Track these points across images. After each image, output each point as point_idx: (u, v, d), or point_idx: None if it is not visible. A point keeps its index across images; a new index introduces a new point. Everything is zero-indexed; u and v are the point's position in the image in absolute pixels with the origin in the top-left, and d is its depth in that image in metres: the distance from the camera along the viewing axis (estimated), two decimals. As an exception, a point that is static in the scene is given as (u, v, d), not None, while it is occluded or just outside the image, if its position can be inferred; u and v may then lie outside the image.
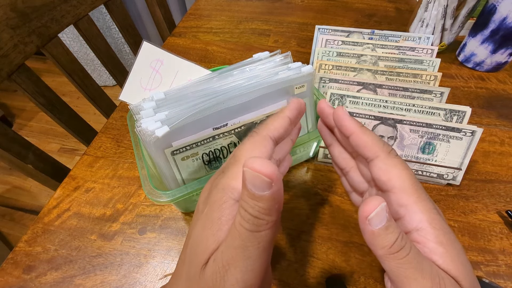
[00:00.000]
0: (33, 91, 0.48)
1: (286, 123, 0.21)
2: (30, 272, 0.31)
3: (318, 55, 0.45)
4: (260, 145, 0.19)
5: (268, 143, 0.19)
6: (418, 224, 0.17)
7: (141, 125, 0.26)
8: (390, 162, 0.19)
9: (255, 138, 0.19)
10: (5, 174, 1.26)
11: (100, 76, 1.58)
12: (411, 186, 0.18)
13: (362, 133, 0.20)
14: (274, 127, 0.20)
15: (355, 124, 0.20)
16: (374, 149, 0.19)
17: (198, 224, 0.17)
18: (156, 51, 0.35)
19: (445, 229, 0.17)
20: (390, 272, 0.16)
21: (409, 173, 0.19)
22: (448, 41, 0.56)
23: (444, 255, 0.16)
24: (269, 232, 0.15)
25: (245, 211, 0.15)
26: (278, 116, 0.21)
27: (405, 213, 0.18)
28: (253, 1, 0.77)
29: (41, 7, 0.47)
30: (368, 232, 0.16)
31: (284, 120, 0.21)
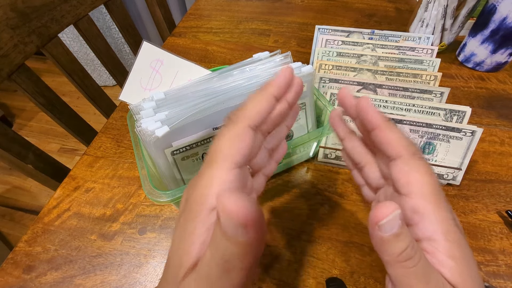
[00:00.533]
0: (33, 91, 0.48)
1: (269, 105, 0.17)
2: (30, 272, 0.31)
3: (318, 55, 0.45)
4: (239, 140, 0.16)
5: (248, 136, 0.16)
6: (431, 235, 0.16)
7: (141, 125, 0.26)
8: (413, 164, 0.17)
9: (232, 130, 0.17)
10: (5, 174, 1.26)
11: (100, 76, 1.58)
12: (431, 193, 0.17)
13: (387, 128, 0.18)
14: (256, 112, 0.17)
15: (380, 118, 0.18)
16: (397, 148, 0.18)
17: (176, 232, 0.16)
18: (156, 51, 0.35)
19: (460, 243, 0.16)
20: (393, 278, 0.15)
21: (432, 179, 0.17)
22: (448, 41, 0.56)
23: (453, 269, 0.15)
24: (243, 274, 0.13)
25: (216, 252, 0.13)
26: (261, 95, 0.17)
27: (419, 221, 0.16)
28: (253, 1, 0.77)
29: (41, 7, 0.47)
30: (377, 237, 0.15)
31: (268, 102, 0.17)
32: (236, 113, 0.17)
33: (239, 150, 0.16)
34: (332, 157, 0.38)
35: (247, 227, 0.12)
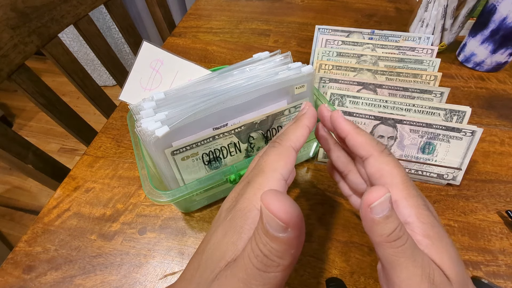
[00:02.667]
0: (33, 91, 0.48)
1: (306, 133, 0.21)
2: (30, 272, 0.31)
3: (318, 55, 0.45)
4: (285, 156, 0.19)
5: (292, 155, 0.19)
6: (406, 218, 0.18)
7: (141, 125, 0.26)
8: (383, 160, 0.20)
9: (279, 149, 0.20)
10: (5, 174, 1.26)
11: (100, 76, 1.58)
12: (402, 183, 0.19)
13: (356, 133, 0.21)
14: (296, 138, 0.20)
15: (350, 125, 0.21)
16: (367, 148, 0.20)
17: (219, 230, 0.17)
18: (156, 51, 0.35)
19: (433, 224, 0.18)
20: (383, 259, 0.16)
21: (401, 170, 0.19)
22: (448, 41, 0.56)
23: (430, 247, 0.17)
24: (279, 275, 0.14)
25: (256, 245, 0.14)
26: (298, 126, 0.21)
27: (395, 207, 0.18)
28: (253, 1, 0.77)
29: (41, 7, 0.47)
30: (368, 219, 0.16)
31: (305, 130, 0.21)
32: (280, 137, 0.21)
33: (286, 164, 0.19)
34: (332, 157, 0.38)
35: (288, 226, 0.12)
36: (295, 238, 0.13)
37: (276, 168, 0.18)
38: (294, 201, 0.13)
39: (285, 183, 0.18)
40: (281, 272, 0.14)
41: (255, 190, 0.18)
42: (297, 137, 0.20)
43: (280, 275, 0.14)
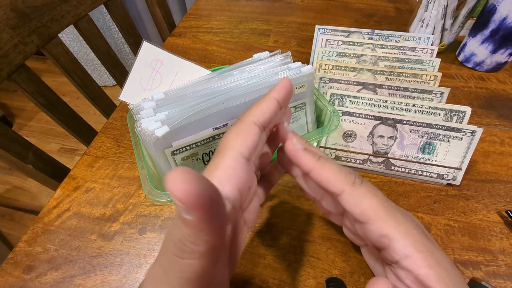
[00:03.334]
0: (33, 91, 0.48)
1: (273, 106, 0.18)
2: (30, 272, 0.31)
3: (318, 55, 0.45)
4: (244, 132, 0.18)
5: (253, 130, 0.18)
6: (404, 252, 0.17)
7: (141, 125, 0.26)
8: (358, 194, 0.18)
9: (238, 125, 0.18)
10: (5, 174, 1.26)
11: (100, 76, 1.58)
12: (386, 213, 0.18)
13: (321, 168, 0.19)
14: (260, 112, 0.18)
15: (311, 159, 0.19)
16: (337, 184, 0.18)
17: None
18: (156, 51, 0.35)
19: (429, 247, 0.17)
20: None
21: (379, 198, 0.18)
22: (448, 41, 0.56)
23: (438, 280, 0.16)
24: (196, 263, 0.12)
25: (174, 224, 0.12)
26: (264, 99, 0.19)
27: (389, 242, 0.17)
28: (253, 1, 0.77)
29: (41, 7, 0.47)
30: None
31: (271, 103, 0.19)
32: (243, 113, 0.19)
33: (244, 141, 0.17)
34: (332, 157, 0.38)
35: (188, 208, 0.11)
36: (203, 222, 0.11)
37: (233, 145, 0.17)
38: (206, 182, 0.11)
39: (245, 161, 0.17)
40: (198, 259, 0.12)
41: (209, 171, 0.16)
42: (261, 111, 0.18)
43: (197, 264, 0.12)
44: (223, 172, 0.16)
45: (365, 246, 0.23)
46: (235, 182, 0.16)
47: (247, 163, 0.17)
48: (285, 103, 0.19)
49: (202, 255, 0.12)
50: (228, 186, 0.16)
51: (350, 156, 0.37)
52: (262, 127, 0.18)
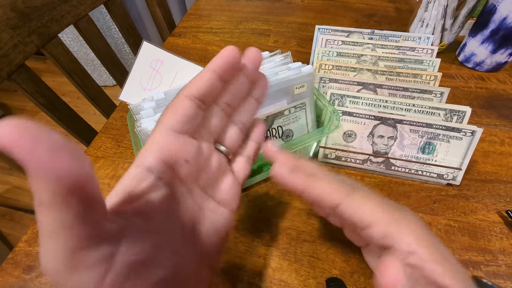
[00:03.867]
0: (33, 91, 0.48)
1: (207, 76, 0.17)
2: (30, 272, 0.31)
3: (318, 55, 0.45)
4: (174, 107, 0.17)
5: (183, 103, 0.17)
6: (408, 249, 0.17)
7: (141, 125, 0.26)
8: (354, 203, 0.18)
9: (172, 101, 0.18)
10: (5, 174, 1.26)
11: (100, 76, 1.58)
12: (384, 214, 0.18)
13: (311, 187, 0.19)
14: (191, 84, 0.18)
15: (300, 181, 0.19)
16: (331, 199, 0.18)
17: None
18: (156, 51, 0.35)
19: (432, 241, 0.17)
20: None
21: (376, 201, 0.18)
22: (448, 41, 0.56)
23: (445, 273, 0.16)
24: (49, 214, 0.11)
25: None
26: (201, 72, 0.18)
27: (392, 243, 0.17)
28: (253, 1, 0.77)
29: (41, 7, 0.47)
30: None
31: (205, 74, 0.17)
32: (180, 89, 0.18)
33: (172, 114, 0.17)
34: (332, 157, 0.38)
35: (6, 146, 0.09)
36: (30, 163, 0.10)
37: (161, 120, 0.17)
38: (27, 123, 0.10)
39: (175, 134, 0.17)
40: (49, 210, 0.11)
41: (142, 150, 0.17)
42: (193, 82, 0.17)
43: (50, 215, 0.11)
44: (148, 145, 0.17)
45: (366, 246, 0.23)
46: (158, 154, 0.17)
47: (178, 136, 0.17)
48: (227, 74, 0.18)
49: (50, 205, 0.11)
50: (150, 158, 0.16)
51: (350, 156, 0.37)
52: (195, 98, 0.17)
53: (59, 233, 0.11)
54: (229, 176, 0.21)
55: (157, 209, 0.16)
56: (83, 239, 0.12)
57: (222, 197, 0.20)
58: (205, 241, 0.19)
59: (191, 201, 0.19)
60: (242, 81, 0.19)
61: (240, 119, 0.21)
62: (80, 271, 0.12)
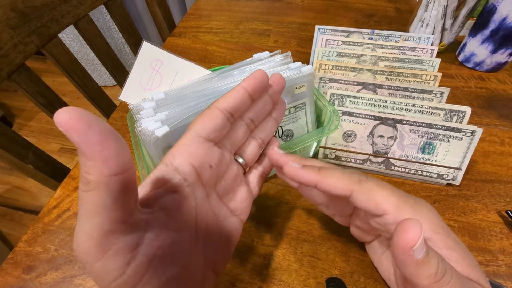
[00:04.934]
0: (33, 91, 0.48)
1: (238, 93, 0.19)
2: (30, 272, 0.31)
3: (318, 55, 0.45)
4: (205, 115, 0.19)
5: (213, 113, 0.19)
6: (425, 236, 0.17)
7: (141, 125, 0.26)
8: (367, 189, 0.19)
9: (203, 111, 0.19)
10: (5, 174, 1.26)
11: (100, 76, 1.58)
12: (399, 201, 0.18)
13: (324, 178, 0.19)
14: (223, 98, 0.19)
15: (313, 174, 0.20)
16: (344, 187, 0.19)
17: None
18: (156, 51, 0.35)
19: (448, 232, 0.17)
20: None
21: (388, 188, 0.19)
22: (448, 41, 0.56)
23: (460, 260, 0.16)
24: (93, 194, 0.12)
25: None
26: (233, 88, 0.20)
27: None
28: (253, 1, 0.77)
29: (41, 7, 0.47)
30: (411, 263, 0.14)
31: (237, 91, 0.19)
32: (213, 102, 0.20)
33: (202, 122, 0.19)
34: (332, 157, 0.38)
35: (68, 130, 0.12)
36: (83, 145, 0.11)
37: (191, 126, 0.19)
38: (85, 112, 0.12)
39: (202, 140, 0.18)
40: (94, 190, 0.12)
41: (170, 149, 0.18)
42: (225, 97, 0.19)
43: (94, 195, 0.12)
44: (177, 147, 0.18)
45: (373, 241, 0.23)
46: (187, 156, 0.18)
47: (205, 142, 0.19)
48: (256, 92, 0.20)
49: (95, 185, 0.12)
50: (179, 159, 0.18)
51: (350, 156, 0.37)
52: (225, 111, 0.19)
53: (98, 213, 0.12)
54: (244, 187, 0.22)
55: (179, 207, 0.17)
56: (117, 222, 0.13)
57: (235, 206, 0.21)
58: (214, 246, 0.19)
59: (208, 206, 0.19)
60: (267, 101, 0.21)
61: (260, 136, 0.22)
62: (108, 255, 0.13)
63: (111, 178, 0.12)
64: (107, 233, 0.13)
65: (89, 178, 0.12)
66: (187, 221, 0.17)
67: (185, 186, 0.17)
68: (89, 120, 0.12)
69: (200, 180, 0.19)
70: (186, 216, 0.17)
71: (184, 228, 0.17)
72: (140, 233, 0.14)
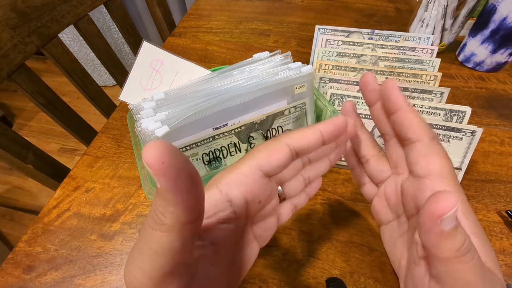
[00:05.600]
0: (33, 91, 0.48)
1: (313, 136, 0.18)
2: (30, 272, 0.31)
3: (318, 55, 0.45)
4: (271, 148, 0.18)
5: (282, 150, 0.17)
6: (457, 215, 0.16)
7: (141, 125, 0.26)
8: (432, 148, 0.18)
9: (271, 142, 0.18)
10: (5, 174, 1.26)
11: (100, 76, 1.58)
12: (449, 175, 0.18)
13: (409, 111, 0.19)
14: (297, 137, 0.18)
15: (404, 100, 0.19)
16: (418, 132, 0.18)
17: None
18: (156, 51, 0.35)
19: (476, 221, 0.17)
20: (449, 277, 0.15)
21: (449, 162, 0.18)
22: (448, 41, 0.56)
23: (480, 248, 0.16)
24: (164, 236, 0.12)
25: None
26: (308, 128, 0.19)
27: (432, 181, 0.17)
28: (253, 1, 0.77)
29: (41, 7, 0.47)
30: (435, 232, 0.14)
31: (313, 133, 0.18)
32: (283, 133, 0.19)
33: (268, 156, 0.17)
34: (332, 157, 0.38)
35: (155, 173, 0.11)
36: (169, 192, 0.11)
37: (255, 156, 0.17)
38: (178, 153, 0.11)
39: (261, 174, 0.17)
40: (165, 232, 0.12)
41: (225, 172, 0.17)
42: (299, 136, 0.18)
43: (164, 236, 0.12)
44: (235, 176, 0.17)
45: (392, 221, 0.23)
46: (243, 189, 0.17)
47: (263, 177, 0.18)
48: (331, 138, 0.19)
49: (169, 228, 0.12)
50: (235, 191, 0.17)
51: (350, 156, 0.37)
52: (293, 150, 0.18)
53: (164, 255, 0.12)
54: (274, 218, 0.21)
55: (225, 242, 0.17)
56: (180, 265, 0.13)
57: (260, 232, 0.20)
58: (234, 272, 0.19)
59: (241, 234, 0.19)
60: (331, 145, 0.20)
61: (309, 174, 0.21)
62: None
63: (186, 225, 0.12)
64: (167, 274, 0.12)
65: (164, 221, 0.12)
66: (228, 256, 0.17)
67: (233, 219, 0.17)
68: (180, 164, 0.11)
69: (246, 214, 0.18)
70: (228, 251, 0.17)
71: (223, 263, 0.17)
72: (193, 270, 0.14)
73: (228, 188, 0.17)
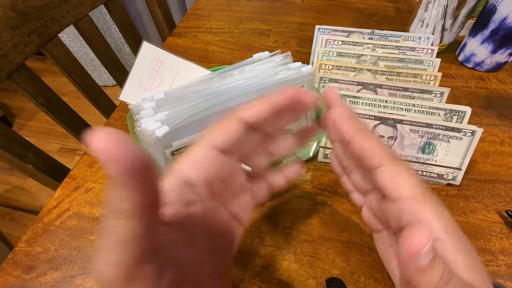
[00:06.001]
0: (33, 91, 0.48)
1: (262, 107, 0.18)
2: (30, 272, 0.31)
3: (318, 55, 0.45)
4: (221, 126, 0.18)
5: (233, 124, 0.18)
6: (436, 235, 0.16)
7: (141, 125, 0.26)
8: (396, 170, 0.18)
9: (222, 120, 0.18)
10: (5, 174, 1.26)
11: (100, 76, 1.58)
12: (421, 193, 0.17)
13: (363, 139, 0.18)
14: (248, 110, 0.18)
15: (354, 128, 0.19)
16: (377, 157, 0.18)
17: None
18: (156, 51, 0.35)
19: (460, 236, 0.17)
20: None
21: (417, 179, 0.18)
22: (448, 41, 0.56)
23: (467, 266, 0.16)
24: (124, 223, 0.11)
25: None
26: (259, 100, 0.18)
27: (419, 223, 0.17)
28: (253, 1, 0.77)
29: (41, 7, 0.47)
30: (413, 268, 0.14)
31: (261, 104, 0.18)
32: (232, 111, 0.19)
33: (221, 133, 0.18)
34: (332, 157, 0.38)
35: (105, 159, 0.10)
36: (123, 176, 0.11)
37: (208, 135, 0.18)
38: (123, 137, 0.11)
39: (216, 151, 0.17)
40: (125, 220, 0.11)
41: (181, 158, 0.17)
42: (250, 109, 0.18)
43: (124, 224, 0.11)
44: (191, 158, 0.17)
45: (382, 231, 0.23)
46: (200, 170, 0.17)
47: (220, 155, 0.18)
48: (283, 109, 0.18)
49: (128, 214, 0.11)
50: (193, 173, 0.17)
51: (350, 156, 0.37)
52: (244, 123, 0.18)
53: (128, 243, 0.12)
54: (247, 195, 0.21)
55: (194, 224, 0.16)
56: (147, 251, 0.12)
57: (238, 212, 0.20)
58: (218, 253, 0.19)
59: (214, 216, 0.19)
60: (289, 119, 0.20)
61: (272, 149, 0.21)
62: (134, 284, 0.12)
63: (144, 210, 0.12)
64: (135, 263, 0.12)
65: (122, 206, 0.11)
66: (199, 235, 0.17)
67: (198, 201, 0.17)
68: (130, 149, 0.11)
69: (211, 194, 0.18)
70: (199, 231, 0.17)
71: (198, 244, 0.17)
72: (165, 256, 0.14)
73: (186, 172, 0.17)
